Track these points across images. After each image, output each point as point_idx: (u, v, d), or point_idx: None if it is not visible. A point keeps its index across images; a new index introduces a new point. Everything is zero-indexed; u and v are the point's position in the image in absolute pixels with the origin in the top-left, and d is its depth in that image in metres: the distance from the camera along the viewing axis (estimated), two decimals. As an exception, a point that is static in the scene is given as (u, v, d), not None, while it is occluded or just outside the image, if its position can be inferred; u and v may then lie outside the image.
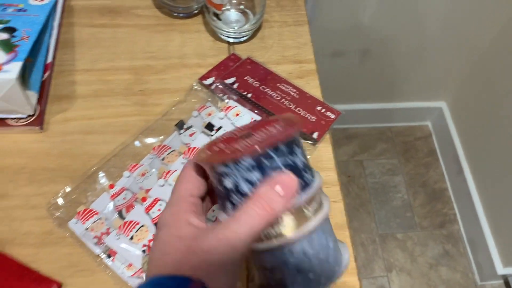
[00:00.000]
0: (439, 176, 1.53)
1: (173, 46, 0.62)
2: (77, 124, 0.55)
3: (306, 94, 0.57)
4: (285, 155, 0.31)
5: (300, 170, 0.32)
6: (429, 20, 1.16)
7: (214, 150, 0.33)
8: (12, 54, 0.51)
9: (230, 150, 0.32)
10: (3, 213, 0.48)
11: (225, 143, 0.33)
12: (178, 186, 0.34)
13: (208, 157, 0.33)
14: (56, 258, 0.46)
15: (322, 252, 0.32)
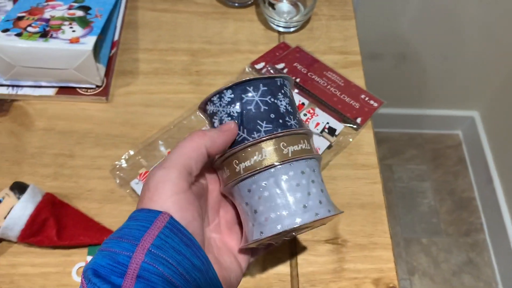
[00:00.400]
0: (467, 185, 1.54)
1: (227, 32, 0.66)
2: (138, 97, 0.60)
3: (350, 82, 0.61)
4: (265, 95, 0.35)
5: (280, 112, 0.35)
6: (467, 28, 1.18)
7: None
8: (88, 29, 0.56)
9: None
10: (71, 171, 0.54)
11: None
12: (181, 149, 0.33)
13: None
14: (117, 213, 0.51)
15: (297, 191, 0.34)
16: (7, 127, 0.56)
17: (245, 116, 0.35)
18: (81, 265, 0.48)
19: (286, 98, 0.37)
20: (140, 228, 0.29)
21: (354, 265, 0.49)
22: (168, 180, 0.31)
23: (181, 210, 0.31)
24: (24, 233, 0.46)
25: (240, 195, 0.35)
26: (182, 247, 0.29)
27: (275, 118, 0.35)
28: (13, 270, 0.47)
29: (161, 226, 0.29)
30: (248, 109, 0.35)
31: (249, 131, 0.35)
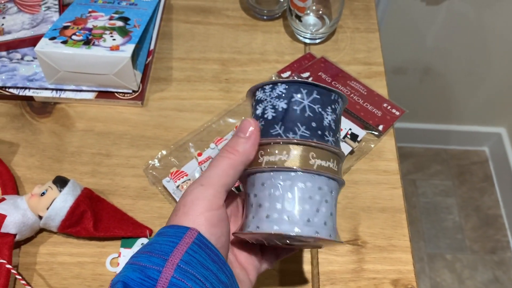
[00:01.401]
0: (494, 202, 1.52)
1: (255, 43, 0.70)
2: (171, 103, 0.63)
3: (373, 92, 0.63)
4: (314, 102, 0.35)
5: (323, 124, 0.35)
6: (492, 43, 1.18)
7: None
8: (127, 38, 0.60)
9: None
10: (108, 169, 0.57)
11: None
12: (218, 167, 0.35)
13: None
14: (149, 209, 0.54)
15: (307, 203, 0.34)
16: (50, 128, 0.61)
17: (288, 114, 0.35)
18: (114, 256, 0.51)
19: (333, 114, 0.36)
20: (170, 243, 0.31)
21: (373, 266, 0.51)
22: (204, 198, 0.33)
23: (212, 226, 0.32)
24: (64, 223, 0.49)
25: (252, 185, 0.36)
26: (209, 263, 0.31)
27: (315, 128, 0.35)
28: (52, 259, 0.51)
29: (189, 242, 0.30)
30: (294, 109, 0.35)
31: (286, 129, 0.35)
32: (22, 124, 0.61)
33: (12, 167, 0.57)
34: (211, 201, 0.33)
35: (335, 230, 0.36)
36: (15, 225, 0.48)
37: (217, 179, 0.34)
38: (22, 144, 0.59)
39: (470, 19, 1.12)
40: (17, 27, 0.66)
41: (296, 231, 0.33)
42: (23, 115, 0.62)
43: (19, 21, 0.67)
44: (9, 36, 0.65)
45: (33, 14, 0.68)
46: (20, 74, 0.63)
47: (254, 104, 0.38)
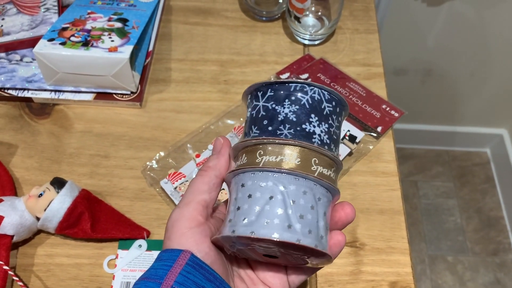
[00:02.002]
0: (495, 204, 1.51)
1: (254, 44, 0.70)
2: (170, 104, 0.63)
3: (372, 93, 0.63)
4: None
5: (331, 133, 0.33)
6: (494, 44, 1.18)
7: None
8: (125, 39, 0.60)
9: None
10: (106, 170, 0.57)
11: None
12: (192, 186, 0.35)
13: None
14: (147, 211, 0.54)
15: (289, 207, 0.31)
16: (49, 129, 0.61)
17: (293, 114, 0.32)
18: (111, 257, 0.51)
19: (338, 121, 0.35)
20: (164, 267, 0.31)
21: (372, 268, 0.51)
22: (182, 217, 0.33)
23: (197, 243, 0.32)
24: (62, 225, 0.49)
25: (234, 187, 0.34)
26: (205, 282, 0.31)
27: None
28: (49, 260, 0.51)
29: (182, 264, 0.31)
30: (297, 109, 0.33)
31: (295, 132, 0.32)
32: (21, 126, 0.61)
33: (11, 169, 0.57)
34: (190, 219, 0.33)
35: (322, 241, 0.32)
36: (12, 226, 0.48)
37: (192, 197, 0.34)
38: (21, 145, 0.59)
39: (471, 20, 1.11)
40: (16, 28, 0.66)
41: (274, 236, 0.30)
42: (22, 116, 0.62)
43: (18, 22, 0.67)
44: (8, 37, 0.65)
45: (32, 15, 0.68)
46: (19, 75, 0.63)
47: (262, 102, 0.34)
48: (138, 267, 0.50)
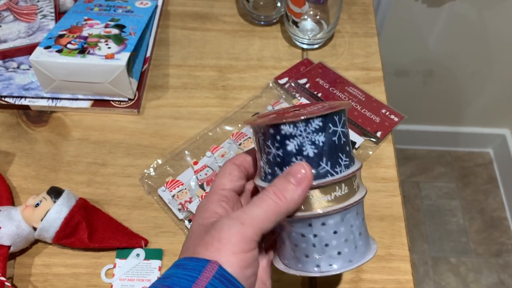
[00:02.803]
0: (498, 205, 1.50)
1: (253, 49, 0.69)
2: (167, 110, 0.63)
3: (372, 98, 0.63)
4: (344, 125, 0.34)
5: (350, 142, 0.35)
6: (495, 43, 1.17)
7: (270, 116, 0.35)
8: (122, 46, 0.60)
9: (294, 114, 0.33)
10: (103, 178, 0.57)
11: (278, 113, 0.35)
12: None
13: (270, 119, 0.33)
14: (145, 219, 0.54)
15: (335, 236, 0.33)
16: (46, 137, 0.60)
17: (329, 147, 0.33)
18: (109, 267, 0.50)
19: (347, 128, 0.35)
20: (189, 278, 0.29)
21: (371, 276, 0.50)
22: (242, 238, 0.31)
23: (245, 267, 0.31)
24: (59, 234, 0.49)
25: (299, 225, 0.34)
26: None
27: (349, 151, 0.34)
28: (47, 270, 0.50)
29: (209, 277, 0.29)
30: (333, 140, 0.33)
31: (332, 165, 0.33)
32: (18, 134, 0.60)
33: (8, 177, 0.57)
34: (248, 243, 0.31)
35: (367, 244, 0.36)
36: (9, 236, 0.48)
37: (258, 221, 0.32)
38: (18, 153, 0.59)
39: (472, 21, 1.11)
40: (13, 35, 0.66)
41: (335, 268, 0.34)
42: (19, 124, 0.61)
43: (15, 29, 0.67)
44: (5, 45, 0.65)
45: (29, 22, 0.68)
46: (16, 83, 0.62)
47: (281, 139, 0.33)
48: (136, 276, 0.50)
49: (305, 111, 0.33)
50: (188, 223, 0.52)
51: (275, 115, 0.35)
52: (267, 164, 0.34)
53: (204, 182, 0.55)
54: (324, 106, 0.35)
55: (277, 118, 0.33)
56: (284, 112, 0.36)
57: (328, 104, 0.36)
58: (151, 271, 0.50)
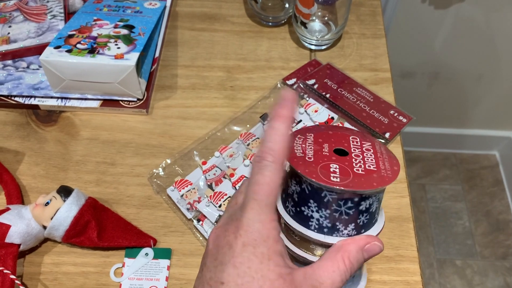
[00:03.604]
0: (504, 208, 1.50)
1: (261, 50, 0.70)
2: (176, 110, 0.63)
3: (380, 99, 0.62)
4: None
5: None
6: (502, 45, 1.17)
7: (330, 171, 0.31)
8: (131, 46, 0.60)
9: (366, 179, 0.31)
10: (112, 178, 0.57)
11: (338, 163, 0.32)
12: (264, 191, 0.29)
13: (347, 183, 0.30)
14: (154, 219, 0.54)
15: None
16: (56, 136, 0.61)
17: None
18: (118, 266, 0.50)
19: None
20: None
21: (380, 277, 0.50)
22: None
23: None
24: (68, 233, 0.49)
25: None
26: None
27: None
28: (56, 269, 0.50)
29: None
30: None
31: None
32: (28, 133, 0.61)
33: (18, 176, 0.57)
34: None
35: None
36: (19, 235, 0.48)
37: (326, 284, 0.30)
38: (28, 153, 0.59)
39: (479, 23, 1.10)
40: (23, 35, 0.66)
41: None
42: (29, 124, 0.62)
43: (25, 29, 0.67)
44: (15, 45, 0.65)
45: (38, 22, 0.68)
46: (25, 83, 0.63)
47: (350, 201, 0.31)
48: (145, 275, 0.50)
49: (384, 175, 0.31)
50: (197, 222, 0.52)
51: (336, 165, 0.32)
52: (326, 218, 0.32)
53: (212, 182, 0.55)
54: (359, 134, 0.34)
55: (358, 182, 0.31)
56: (313, 132, 0.35)
57: (362, 133, 0.36)
58: (159, 271, 0.50)
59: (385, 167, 0.32)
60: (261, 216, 0.29)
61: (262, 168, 0.29)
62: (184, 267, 0.51)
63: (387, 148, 0.35)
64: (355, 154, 0.33)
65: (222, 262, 0.28)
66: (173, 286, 0.50)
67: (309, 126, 0.35)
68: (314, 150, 0.32)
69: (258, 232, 0.28)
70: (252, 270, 0.28)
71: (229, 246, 0.28)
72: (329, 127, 0.36)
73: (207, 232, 0.51)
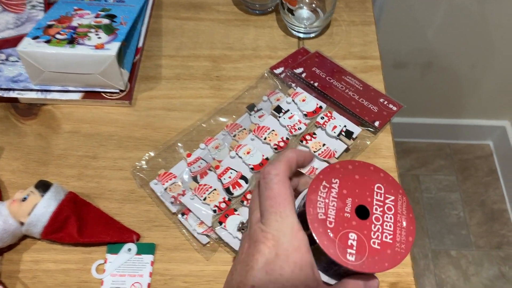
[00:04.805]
0: (499, 197, 1.49)
1: (248, 39, 0.68)
2: (160, 102, 0.61)
3: (369, 87, 0.61)
4: None
5: None
6: (495, 34, 1.15)
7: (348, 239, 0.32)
8: (112, 36, 0.58)
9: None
10: (94, 172, 0.55)
11: (357, 231, 0.32)
12: (278, 203, 0.31)
13: (361, 264, 0.31)
14: (137, 213, 0.52)
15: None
16: (36, 130, 0.59)
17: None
18: (100, 262, 0.49)
19: None
20: None
21: (370, 269, 0.49)
22: None
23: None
24: (47, 229, 0.48)
25: None
26: None
27: None
28: (36, 266, 0.49)
29: None
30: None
31: None
32: (7, 127, 0.59)
33: (-4, 172, 0.55)
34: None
35: None
36: (-4, 232, 0.46)
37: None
38: (7, 147, 0.57)
39: (472, 11, 1.09)
40: (2, 27, 0.64)
41: None
42: (8, 118, 0.60)
43: (3, 20, 0.65)
44: (-7, 36, 0.63)
45: (17, 13, 0.66)
46: (4, 75, 0.61)
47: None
48: (128, 271, 0.48)
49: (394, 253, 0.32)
50: (181, 216, 0.51)
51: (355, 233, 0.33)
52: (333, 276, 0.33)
53: (197, 174, 0.53)
54: (384, 181, 0.34)
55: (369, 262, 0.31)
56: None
57: (387, 178, 0.35)
58: (143, 266, 0.49)
59: (400, 238, 0.32)
60: (288, 227, 0.30)
61: (267, 183, 0.31)
62: (169, 262, 0.49)
63: (408, 202, 0.34)
64: (375, 217, 0.33)
65: (253, 267, 0.29)
66: (157, 282, 0.48)
67: (336, 164, 0.34)
68: (336, 209, 0.32)
69: (289, 242, 0.29)
70: (283, 278, 0.28)
71: (261, 254, 0.29)
72: (356, 167, 0.35)
73: (192, 226, 0.50)
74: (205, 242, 0.50)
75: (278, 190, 0.31)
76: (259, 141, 0.56)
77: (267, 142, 0.55)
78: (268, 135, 0.56)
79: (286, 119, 0.57)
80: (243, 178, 0.52)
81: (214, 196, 0.51)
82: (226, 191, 0.51)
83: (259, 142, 0.56)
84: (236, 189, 0.51)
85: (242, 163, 0.54)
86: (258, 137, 0.56)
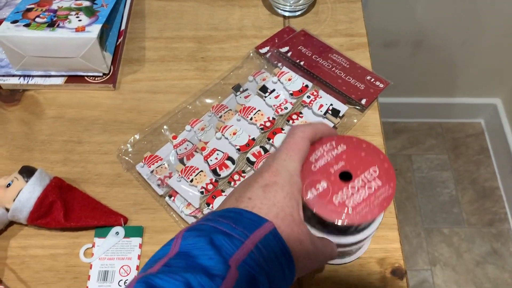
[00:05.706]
0: (490, 175, 1.50)
1: (233, 19, 0.67)
2: (144, 84, 0.60)
3: (356, 64, 0.60)
4: None
5: None
6: (486, 10, 1.14)
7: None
8: (93, 18, 0.57)
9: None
10: (79, 156, 0.55)
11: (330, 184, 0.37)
12: (294, 146, 0.36)
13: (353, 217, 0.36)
14: (124, 197, 0.52)
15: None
16: (19, 116, 0.58)
17: None
18: (88, 246, 0.49)
19: None
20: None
21: (358, 245, 0.49)
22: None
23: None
24: (33, 215, 0.47)
25: None
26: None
27: None
28: (23, 252, 0.49)
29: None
30: None
31: None
32: (-11, 114, 0.58)
33: (-20, 159, 0.55)
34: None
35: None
36: (-20, 219, 0.46)
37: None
38: (-10, 134, 0.56)
39: (461, -13, 1.08)
40: (-20, 12, 0.63)
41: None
42: (-10, 104, 0.59)
43: (-18, 5, 0.64)
44: (-29, 22, 0.62)
45: (-4, -3, 0.65)
46: (-15, 61, 0.60)
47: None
48: (117, 255, 0.48)
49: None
50: (168, 198, 0.50)
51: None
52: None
53: (184, 156, 0.53)
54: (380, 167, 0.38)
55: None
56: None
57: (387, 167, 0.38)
58: (131, 249, 0.49)
59: (361, 211, 0.36)
60: (290, 167, 0.35)
61: (293, 133, 0.37)
62: (157, 244, 0.49)
63: (392, 195, 0.37)
64: (351, 186, 0.36)
65: (251, 185, 0.34)
66: (145, 265, 0.48)
67: (354, 138, 0.40)
68: (326, 163, 0.37)
69: (287, 178, 0.34)
70: (276, 199, 0.33)
71: (263, 178, 0.34)
72: (366, 148, 0.39)
73: (179, 207, 0.50)
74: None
75: (298, 141, 0.36)
76: (245, 122, 0.55)
77: (253, 122, 0.55)
78: (254, 116, 0.55)
79: (272, 98, 0.57)
80: (229, 159, 0.52)
81: (201, 177, 0.50)
82: (213, 172, 0.51)
83: (245, 122, 0.55)
84: (223, 170, 0.51)
85: (228, 144, 0.53)
86: (244, 118, 0.55)
